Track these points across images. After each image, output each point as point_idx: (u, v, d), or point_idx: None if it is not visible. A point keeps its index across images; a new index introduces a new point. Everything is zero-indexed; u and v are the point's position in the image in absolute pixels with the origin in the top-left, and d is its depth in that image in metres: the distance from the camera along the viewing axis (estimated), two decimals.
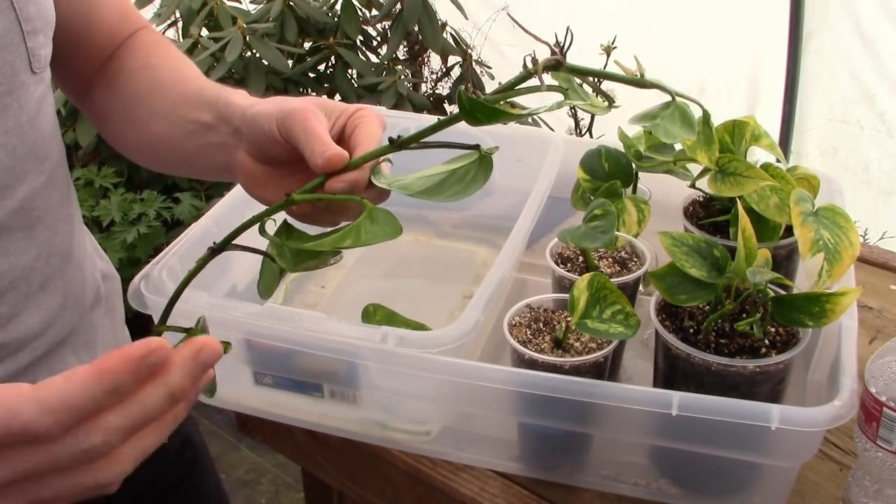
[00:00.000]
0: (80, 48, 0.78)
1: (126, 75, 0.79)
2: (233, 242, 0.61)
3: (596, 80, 0.60)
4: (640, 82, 0.60)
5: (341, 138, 0.66)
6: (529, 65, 0.55)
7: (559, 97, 0.60)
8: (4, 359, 0.69)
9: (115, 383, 0.45)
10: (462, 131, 0.63)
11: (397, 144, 0.60)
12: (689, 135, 0.61)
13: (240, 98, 0.70)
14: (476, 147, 0.61)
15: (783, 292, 0.76)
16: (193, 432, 0.96)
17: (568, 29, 0.56)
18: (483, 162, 0.60)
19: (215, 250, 0.61)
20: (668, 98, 0.61)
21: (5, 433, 0.44)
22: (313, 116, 0.63)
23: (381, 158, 0.63)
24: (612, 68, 0.61)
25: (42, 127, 0.68)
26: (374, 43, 2.30)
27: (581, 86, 0.61)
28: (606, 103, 0.61)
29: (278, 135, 0.64)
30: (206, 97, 0.72)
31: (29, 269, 0.69)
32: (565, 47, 0.56)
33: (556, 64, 0.56)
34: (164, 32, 2.05)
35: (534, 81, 0.56)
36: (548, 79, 0.56)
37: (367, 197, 0.62)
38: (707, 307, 0.77)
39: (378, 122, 0.66)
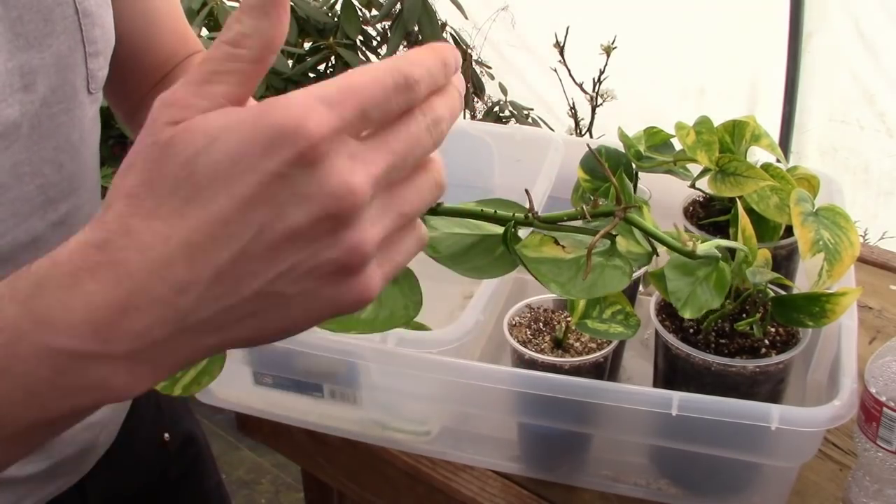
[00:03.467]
0: (136, 68, 0.79)
1: None
2: None
3: (596, 79, 0.60)
4: (692, 256, 0.59)
5: None
6: (585, 206, 0.53)
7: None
8: None
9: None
10: (462, 130, 0.63)
11: (432, 210, 0.56)
12: (716, 304, 0.59)
13: None
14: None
15: (783, 292, 0.76)
16: (195, 430, 0.96)
17: (568, 29, 0.56)
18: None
19: None
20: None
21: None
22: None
23: None
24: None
25: (90, 146, 0.70)
26: (374, 43, 2.30)
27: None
28: (651, 250, 0.58)
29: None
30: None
31: None
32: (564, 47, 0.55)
33: (621, 214, 0.53)
34: None
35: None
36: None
37: None
38: None
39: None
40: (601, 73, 1.78)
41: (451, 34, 2.23)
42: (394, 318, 0.53)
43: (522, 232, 0.55)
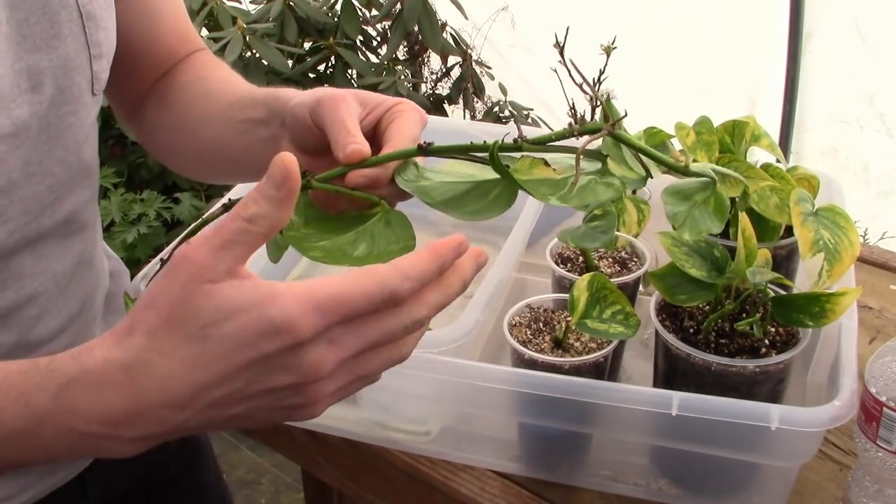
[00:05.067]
0: (137, 67, 0.80)
1: (178, 88, 0.80)
2: None
3: (596, 79, 0.60)
4: (685, 171, 0.59)
5: (376, 130, 0.65)
6: (574, 124, 0.54)
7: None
8: (23, 357, 0.70)
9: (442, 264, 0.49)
10: (462, 130, 0.63)
11: (423, 150, 0.59)
12: (717, 228, 0.59)
13: (289, 92, 0.71)
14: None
15: (783, 292, 0.76)
16: None
17: (568, 29, 0.56)
18: (510, 184, 0.57)
19: (227, 206, 0.62)
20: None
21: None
22: (343, 105, 0.62)
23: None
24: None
25: (92, 146, 0.71)
26: (374, 43, 2.30)
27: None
28: (644, 174, 0.59)
29: (311, 123, 0.64)
30: (256, 96, 0.74)
31: (60, 275, 0.71)
32: (564, 46, 0.55)
33: (609, 128, 0.54)
34: None
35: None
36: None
37: (387, 194, 0.61)
38: (707, 307, 0.77)
39: (416, 119, 0.64)
40: (601, 73, 1.78)
41: (451, 34, 2.23)
42: (384, 255, 0.57)
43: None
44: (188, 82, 0.81)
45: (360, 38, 2.22)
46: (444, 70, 2.32)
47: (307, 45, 2.17)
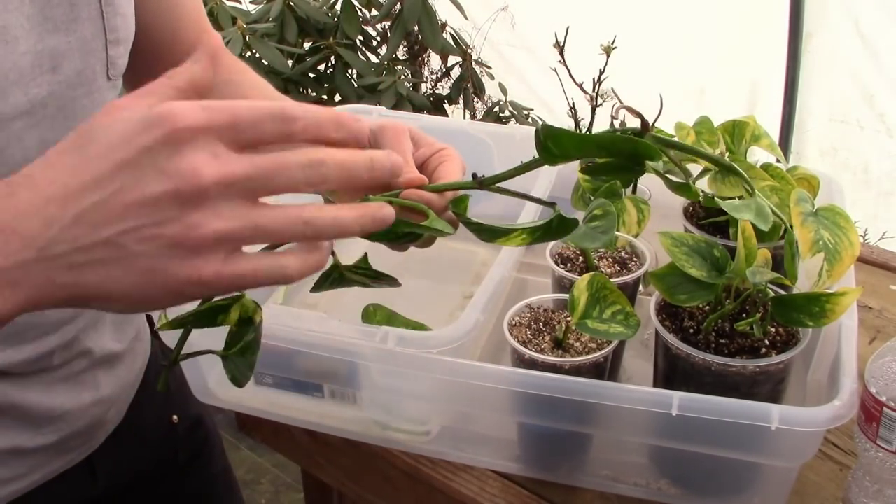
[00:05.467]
0: (160, 61, 0.81)
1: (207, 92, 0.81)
2: None
3: (596, 79, 0.60)
4: (724, 163, 0.59)
5: (421, 169, 0.67)
6: (616, 117, 0.54)
7: None
8: (35, 339, 0.72)
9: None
10: (462, 130, 0.63)
11: (479, 182, 0.60)
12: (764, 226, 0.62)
13: None
14: (552, 205, 0.60)
15: (783, 292, 0.76)
16: (204, 414, 0.98)
17: (567, 29, 0.56)
18: (562, 222, 0.59)
19: None
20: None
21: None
22: (405, 137, 0.65)
23: (460, 193, 0.63)
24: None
25: None
26: (374, 43, 2.30)
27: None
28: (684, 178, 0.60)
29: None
30: None
31: None
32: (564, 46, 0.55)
33: (642, 129, 0.54)
34: None
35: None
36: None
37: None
38: (707, 307, 0.77)
39: (461, 165, 0.66)
40: (601, 73, 1.78)
41: (451, 34, 2.23)
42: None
43: None
44: (220, 84, 0.83)
45: (360, 38, 2.22)
46: (444, 70, 2.32)
47: (307, 45, 2.17)
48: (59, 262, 0.43)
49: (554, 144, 0.53)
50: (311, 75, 2.17)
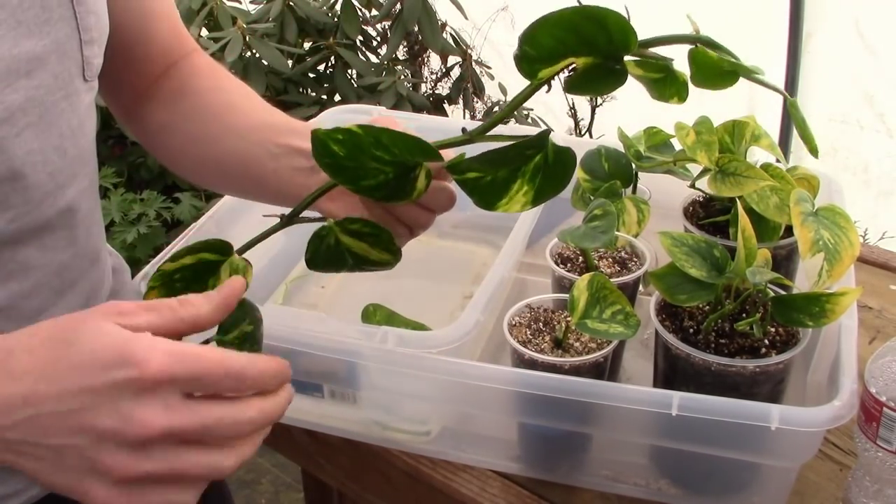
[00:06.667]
0: (132, 61, 0.81)
1: (197, 95, 0.82)
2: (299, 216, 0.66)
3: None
4: (703, 39, 0.59)
5: None
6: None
7: None
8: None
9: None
10: (460, 129, 0.63)
11: (469, 135, 0.61)
12: None
13: None
14: (547, 133, 0.61)
15: (783, 292, 0.76)
16: None
17: None
18: (558, 154, 0.61)
19: (284, 223, 0.66)
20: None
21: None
22: (394, 124, 0.66)
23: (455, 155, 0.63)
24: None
25: (87, 133, 0.71)
26: (374, 43, 2.30)
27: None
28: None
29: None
30: (296, 127, 0.78)
31: (64, 266, 0.71)
32: None
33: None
34: None
35: None
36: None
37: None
38: (707, 307, 0.77)
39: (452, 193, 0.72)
40: None
41: (450, 34, 2.23)
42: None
43: None
44: (209, 90, 0.82)
45: (360, 38, 2.22)
46: (444, 70, 2.32)
47: (307, 45, 2.17)
48: (5, 443, 0.50)
49: (530, 46, 0.54)
50: (311, 75, 2.17)
